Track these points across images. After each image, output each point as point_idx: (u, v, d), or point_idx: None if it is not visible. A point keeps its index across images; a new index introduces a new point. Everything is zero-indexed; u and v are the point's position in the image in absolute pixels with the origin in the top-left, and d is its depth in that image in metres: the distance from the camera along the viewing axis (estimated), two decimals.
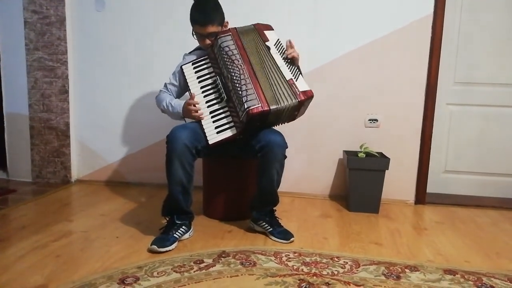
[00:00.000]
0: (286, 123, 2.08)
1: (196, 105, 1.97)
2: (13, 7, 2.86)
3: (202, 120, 1.96)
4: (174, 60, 2.26)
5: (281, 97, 1.89)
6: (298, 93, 1.91)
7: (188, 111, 1.98)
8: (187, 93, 2.14)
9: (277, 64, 1.96)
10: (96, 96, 2.93)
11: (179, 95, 2.20)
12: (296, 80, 1.94)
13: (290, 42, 2.01)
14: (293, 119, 2.04)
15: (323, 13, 2.64)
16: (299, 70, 2.02)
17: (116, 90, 2.90)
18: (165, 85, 2.19)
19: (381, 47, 2.62)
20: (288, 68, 1.97)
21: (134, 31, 2.83)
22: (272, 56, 1.98)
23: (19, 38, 2.88)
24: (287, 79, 1.93)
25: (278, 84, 1.91)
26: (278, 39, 2.07)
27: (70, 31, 2.87)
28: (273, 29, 2.11)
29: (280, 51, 2.01)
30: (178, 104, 2.04)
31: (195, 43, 2.18)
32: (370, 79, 2.66)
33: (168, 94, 2.16)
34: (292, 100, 1.89)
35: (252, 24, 2.07)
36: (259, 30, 2.06)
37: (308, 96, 1.93)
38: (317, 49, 2.66)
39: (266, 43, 2.01)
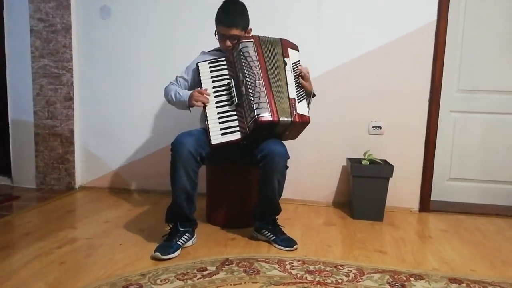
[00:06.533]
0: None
1: (205, 94, 1.96)
2: (20, 15, 2.89)
3: (208, 119, 1.95)
4: (179, 67, 2.28)
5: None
6: (294, 113, 1.93)
7: (194, 97, 1.97)
8: None
9: (287, 81, 1.97)
10: (101, 103, 2.95)
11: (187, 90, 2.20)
12: (298, 102, 1.97)
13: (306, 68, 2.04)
14: (280, 138, 2.03)
15: (326, 20, 2.66)
16: (306, 98, 2.03)
17: (120, 97, 2.92)
18: (176, 78, 2.20)
19: (384, 54, 2.63)
20: (296, 90, 1.99)
21: (138, 39, 2.85)
22: (285, 73, 1.99)
23: (25, 46, 2.91)
24: (290, 98, 1.95)
25: (281, 99, 1.93)
26: (299, 61, 2.06)
27: (76, 39, 2.90)
28: (298, 50, 2.11)
29: (296, 72, 2.02)
30: (186, 93, 2.04)
31: (202, 49, 2.22)
32: (373, 86, 2.66)
33: (177, 86, 2.17)
34: (286, 117, 1.90)
35: (280, 38, 2.06)
36: (284, 46, 2.04)
37: (303, 121, 1.95)
38: (320, 57, 2.66)
39: (285, 59, 2.01)
